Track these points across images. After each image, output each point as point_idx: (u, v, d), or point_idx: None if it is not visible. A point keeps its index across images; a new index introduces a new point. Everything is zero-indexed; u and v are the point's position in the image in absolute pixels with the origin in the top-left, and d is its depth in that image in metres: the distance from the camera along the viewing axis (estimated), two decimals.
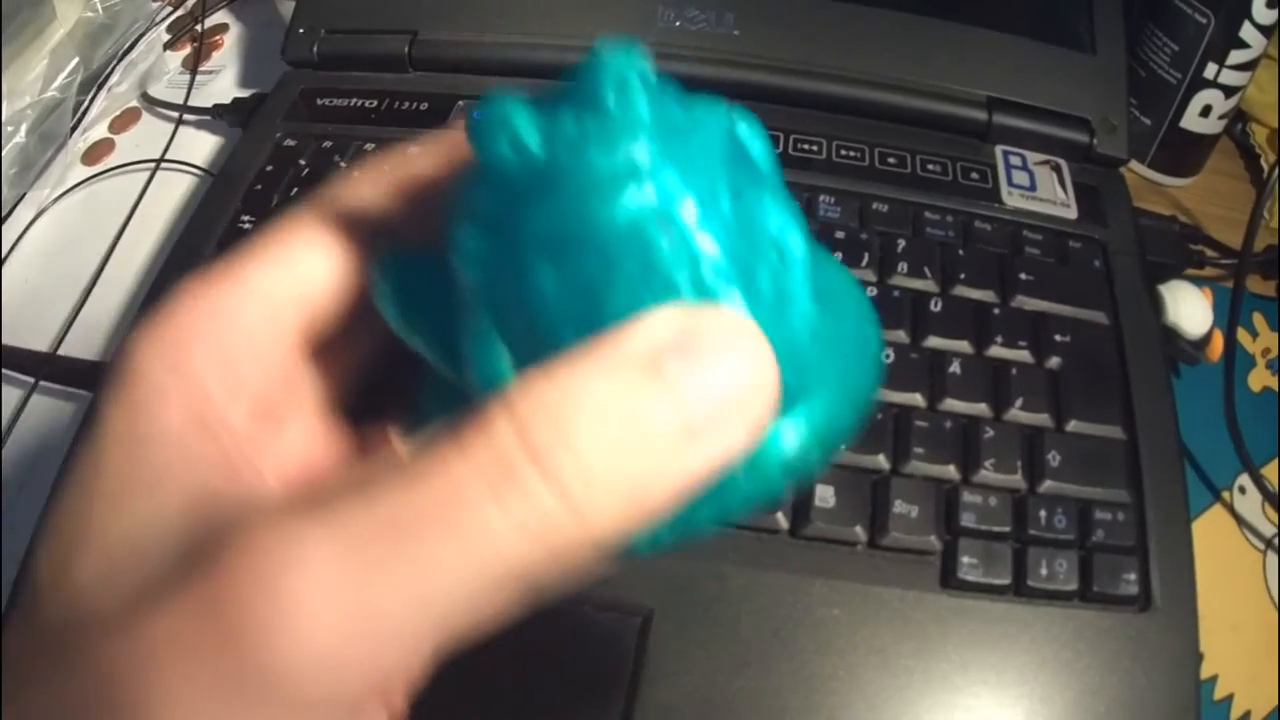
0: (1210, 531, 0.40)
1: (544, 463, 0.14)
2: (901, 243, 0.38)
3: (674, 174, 0.15)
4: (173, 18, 0.56)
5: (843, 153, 0.41)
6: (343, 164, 0.40)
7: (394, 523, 0.14)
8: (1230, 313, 0.40)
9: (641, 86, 0.16)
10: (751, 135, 0.18)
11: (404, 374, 0.21)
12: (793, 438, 0.16)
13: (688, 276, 0.15)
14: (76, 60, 0.50)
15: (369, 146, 0.41)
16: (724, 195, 0.16)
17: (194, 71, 0.52)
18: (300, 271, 0.20)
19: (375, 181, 0.20)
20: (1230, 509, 0.40)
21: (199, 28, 0.54)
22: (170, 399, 0.17)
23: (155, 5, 0.56)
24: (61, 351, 0.42)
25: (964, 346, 0.36)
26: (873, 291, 0.36)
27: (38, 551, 0.16)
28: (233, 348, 0.19)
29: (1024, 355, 0.36)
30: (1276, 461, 0.42)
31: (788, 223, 0.17)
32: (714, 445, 0.15)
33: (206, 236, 0.39)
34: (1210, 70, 0.47)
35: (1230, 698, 0.36)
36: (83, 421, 0.19)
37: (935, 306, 0.36)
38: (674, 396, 0.14)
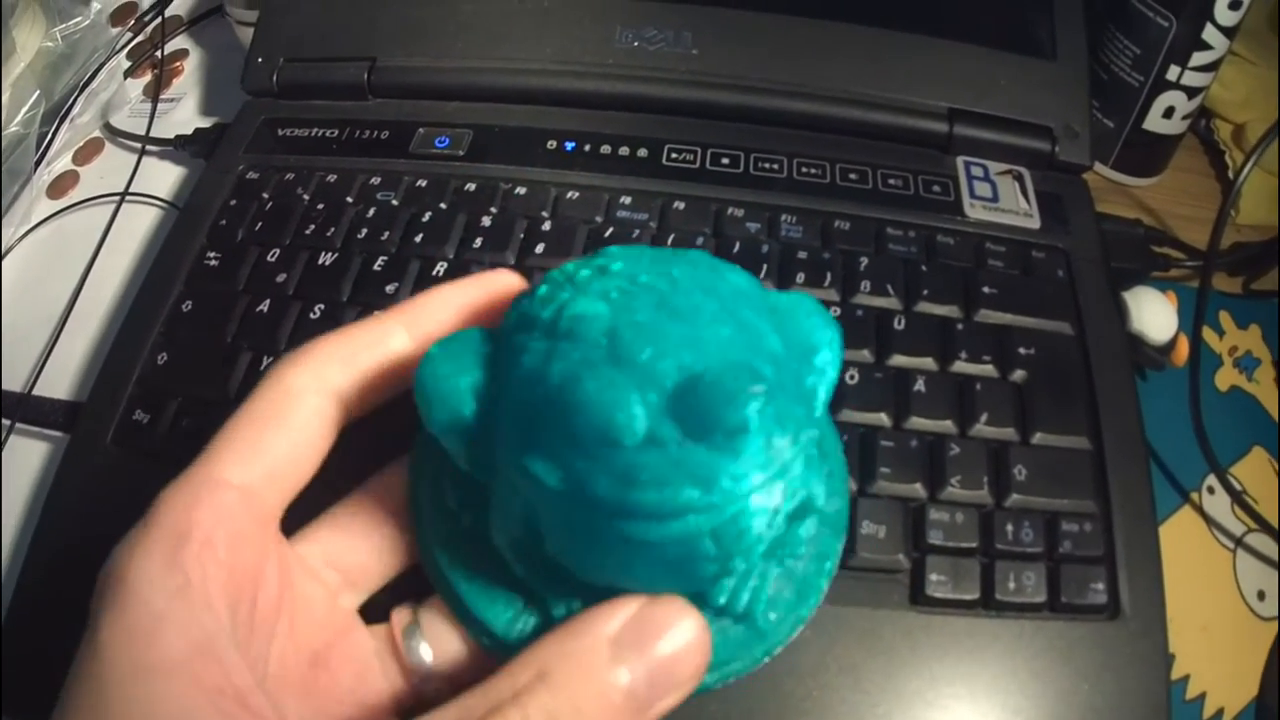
0: (1180, 533, 0.40)
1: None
2: (864, 261, 0.38)
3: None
4: (132, 44, 0.56)
5: (804, 170, 0.41)
6: (305, 196, 0.40)
7: None
8: (1195, 315, 0.40)
9: None
10: None
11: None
12: None
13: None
14: (38, 93, 0.49)
15: (330, 178, 0.41)
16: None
17: (155, 100, 0.51)
18: (275, 455, 0.22)
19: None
20: (1199, 510, 0.41)
21: (159, 54, 0.54)
22: (172, 627, 0.18)
23: (115, 32, 0.56)
24: (36, 391, 0.42)
25: (928, 364, 0.36)
26: (836, 311, 0.37)
27: None
28: (230, 553, 0.20)
29: (988, 370, 0.36)
30: (1246, 459, 0.43)
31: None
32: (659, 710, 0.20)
33: (174, 273, 0.39)
34: (1173, 72, 0.47)
35: (1202, 697, 0.37)
36: (83, 642, 0.19)
37: (899, 324, 0.36)
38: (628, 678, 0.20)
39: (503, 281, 0.25)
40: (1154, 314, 0.40)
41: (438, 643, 0.24)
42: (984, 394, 0.35)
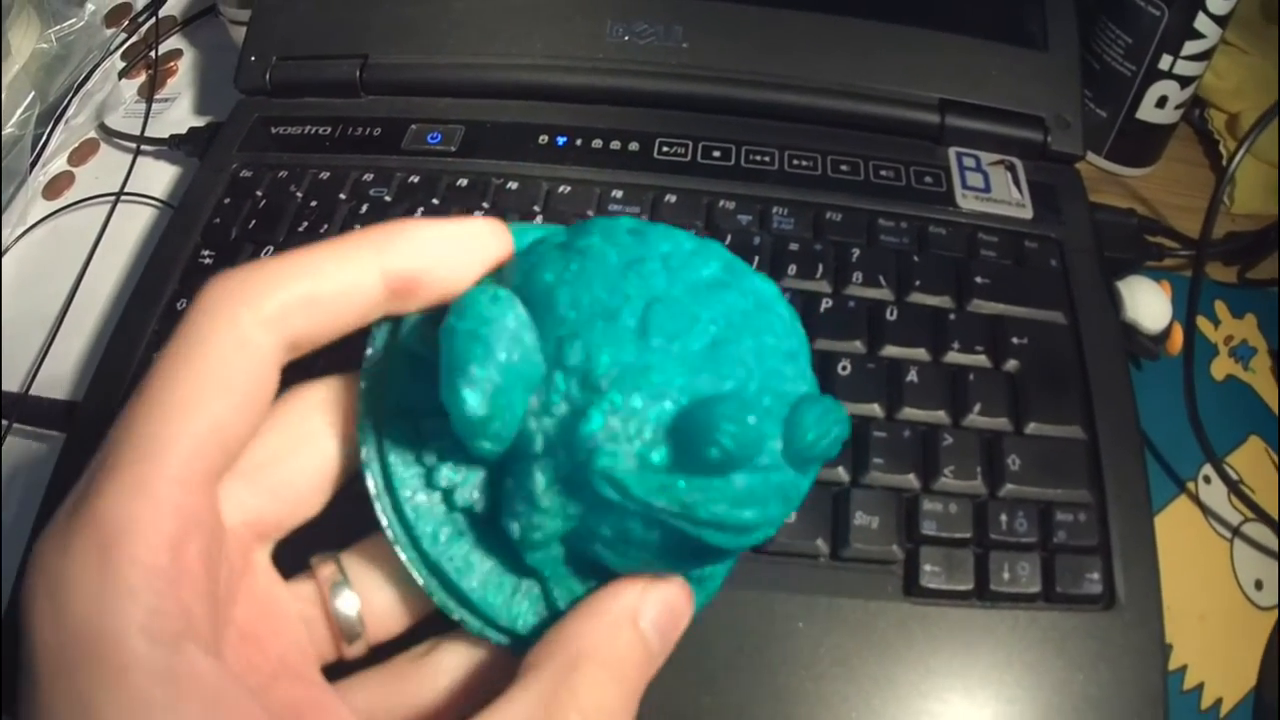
0: (1176, 522, 0.40)
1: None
2: (856, 252, 0.38)
3: None
4: (126, 44, 0.56)
5: (795, 162, 0.41)
6: (298, 194, 0.40)
7: None
8: (1189, 304, 0.40)
9: None
10: None
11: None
12: None
13: None
14: (33, 94, 0.50)
15: (323, 175, 0.41)
16: None
17: (149, 100, 0.52)
18: (228, 427, 0.19)
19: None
20: (1196, 499, 0.41)
21: (153, 54, 0.54)
22: (184, 687, 0.17)
23: (109, 33, 0.56)
24: (33, 390, 0.42)
25: (921, 354, 0.36)
26: (828, 303, 0.36)
27: None
28: (205, 569, 0.18)
29: (981, 360, 0.36)
30: (1243, 448, 0.42)
31: None
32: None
33: (169, 272, 0.39)
34: (1165, 62, 0.47)
35: (1200, 686, 0.37)
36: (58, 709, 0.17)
37: (891, 315, 0.36)
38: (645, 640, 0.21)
39: (489, 237, 0.22)
40: (1148, 303, 0.40)
41: (369, 598, 0.23)
42: (977, 384, 0.35)
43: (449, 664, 0.23)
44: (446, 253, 0.21)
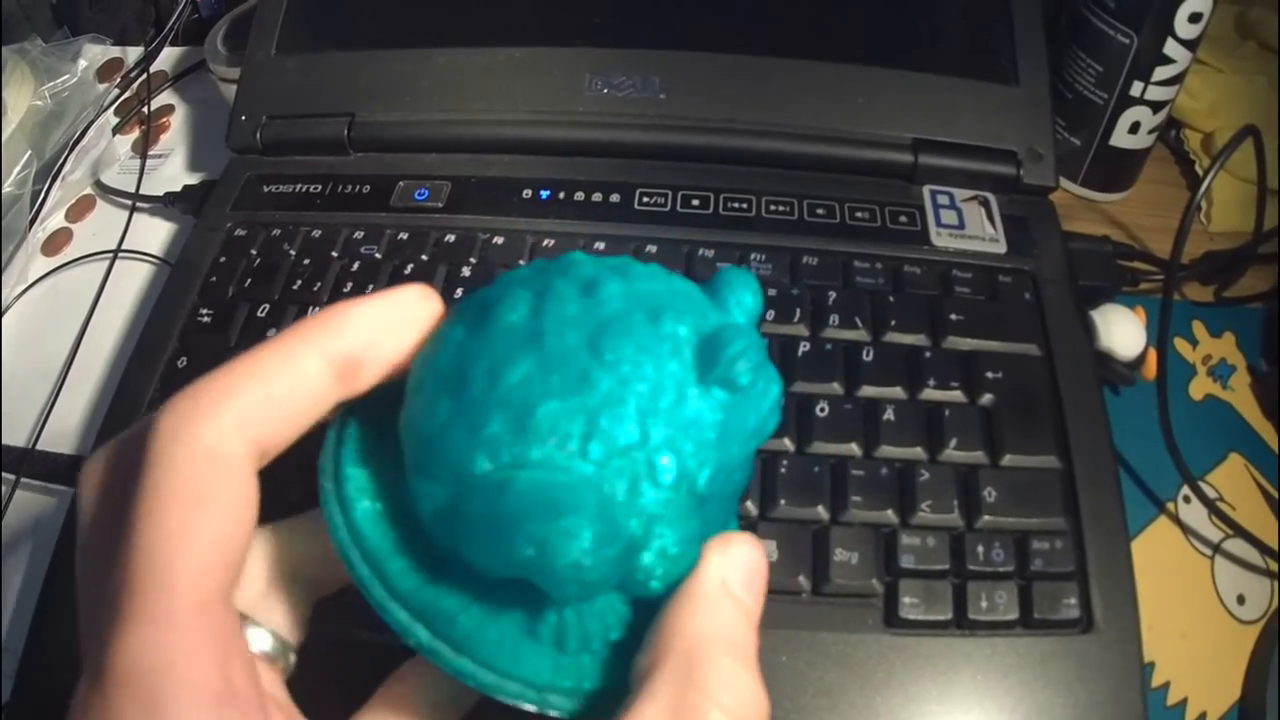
0: (1157, 543, 0.41)
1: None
2: (832, 295, 0.39)
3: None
4: (119, 100, 0.57)
5: (772, 208, 0.42)
6: (291, 252, 0.41)
7: None
8: (1160, 327, 0.40)
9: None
10: None
11: None
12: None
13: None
14: (29, 153, 0.51)
15: (315, 233, 0.42)
16: None
17: (144, 157, 0.53)
18: (223, 546, 0.18)
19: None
20: (1176, 519, 0.42)
21: (145, 110, 0.55)
22: None
23: (101, 88, 0.57)
24: (38, 445, 0.43)
25: (897, 393, 0.37)
26: (805, 346, 0.37)
27: None
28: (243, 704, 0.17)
29: (956, 395, 0.37)
30: (1222, 466, 0.43)
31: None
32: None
33: (169, 330, 0.40)
34: (1136, 88, 0.47)
35: (1184, 702, 0.38)
36: None
37: (867, 356, 0.37)
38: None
39: (419, 303, 0.22)
40: (1121, 330, 0.41)
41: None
42: (953, 419, 0.36)
43: None
44: (382, 325, 0.21)
